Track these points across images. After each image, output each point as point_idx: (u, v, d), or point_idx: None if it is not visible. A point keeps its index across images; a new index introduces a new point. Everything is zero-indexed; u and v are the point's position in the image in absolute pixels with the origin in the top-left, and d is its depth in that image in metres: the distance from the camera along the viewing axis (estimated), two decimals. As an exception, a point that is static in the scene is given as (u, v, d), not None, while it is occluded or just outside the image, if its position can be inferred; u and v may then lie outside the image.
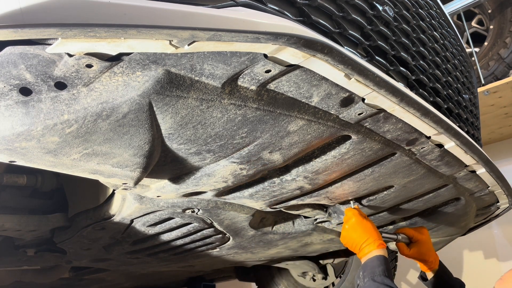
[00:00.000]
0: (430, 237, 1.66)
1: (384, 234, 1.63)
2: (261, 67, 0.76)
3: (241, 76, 0.77)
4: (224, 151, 0.96)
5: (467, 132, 1.46)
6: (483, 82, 3.06)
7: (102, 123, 0.77)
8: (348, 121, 0.98)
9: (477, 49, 3.45)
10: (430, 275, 1.67)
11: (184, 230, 1.52)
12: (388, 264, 1.31)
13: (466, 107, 1.51)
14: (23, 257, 1.75)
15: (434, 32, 1.38)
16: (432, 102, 1.21)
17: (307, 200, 1.35)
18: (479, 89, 2.73)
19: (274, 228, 1.65)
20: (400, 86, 0.98)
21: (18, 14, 0.55)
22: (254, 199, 1.27)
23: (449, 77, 1.39)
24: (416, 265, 1.71)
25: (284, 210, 1.45)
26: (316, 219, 1.60)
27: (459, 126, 1.32)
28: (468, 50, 3.28)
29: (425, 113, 1.03)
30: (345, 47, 0.95)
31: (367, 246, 1.34)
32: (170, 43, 0.66)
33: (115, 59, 0.69)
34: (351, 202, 1.43)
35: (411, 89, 1.12)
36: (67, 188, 1.53)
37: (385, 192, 1.37)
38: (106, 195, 1.35)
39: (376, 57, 1.04)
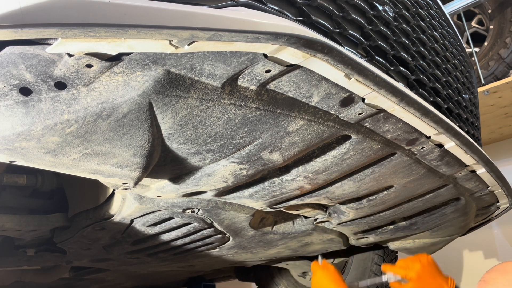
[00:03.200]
0: (429, 266, 1.53)
1: (370, 280, 1.80)
2: (261, 67, 0.76)
3: (241, 76, 0.77)
4: (224, 151, 0.96)
5: (467, 132, 1.45)
6: (483, 82, 3.05)
7: (102, 123, 0.77)
8: (348, 121, 0.98)
9: (477, 49, 3.45)
10: None
11: (184, 230, 1.52)
12: None
13: (466, 107, 1.51)
14: (23, 257, 1.75)
15: (434, 32, 1.38)
16: (432, 102, 1.21)
17: (307, 200, 1.34)
18: (479, 89, 2.73)
19: (274, 228, 1.65)
20: (400, 86, 0.98)
21: (18, 14, 0.55)
22: (254, 199, 1.27)
23: (449, 77, 1.39)
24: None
25: (284, 210, 1.45)
26: (316, 219, 1.60)
27: (459, 126, 1.32)
28: (468, 50, 3.28)
29: (425, 113, 1.03)
30: (345, 47, 0.95)
31: None
32: (170, 43, 0.66)
33: (115, 59, 0.69)
34: (319, 258, 1.69)
35: (411, 89, 1.12)
36: (67, 188, 1.53)
37: (385, 192, 1.37)
38: (106, 195, 1.35)
39: (376, 57, 1.04)
